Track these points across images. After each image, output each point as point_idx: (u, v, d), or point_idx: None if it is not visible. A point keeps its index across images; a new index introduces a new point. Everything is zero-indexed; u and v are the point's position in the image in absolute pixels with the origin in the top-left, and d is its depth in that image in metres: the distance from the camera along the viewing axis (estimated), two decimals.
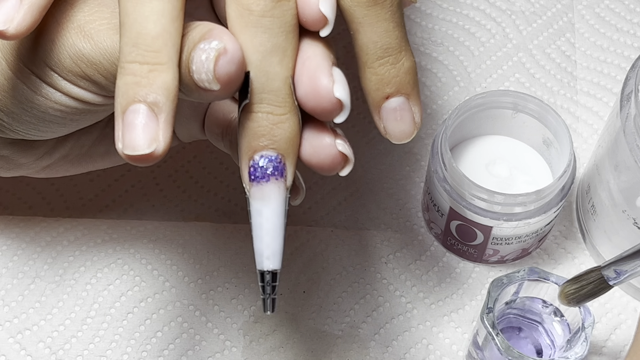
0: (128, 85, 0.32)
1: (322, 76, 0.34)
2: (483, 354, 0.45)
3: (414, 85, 0.37)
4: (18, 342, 0.50)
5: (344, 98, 0.34)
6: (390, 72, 0.36)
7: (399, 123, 0.37)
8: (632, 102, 0.44)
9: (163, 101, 0.32)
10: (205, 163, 0.55)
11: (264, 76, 0.34)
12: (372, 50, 0.36)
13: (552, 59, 0.59)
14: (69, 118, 0.39)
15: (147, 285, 0.51)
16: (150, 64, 0.32)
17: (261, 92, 0.34)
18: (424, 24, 0.60)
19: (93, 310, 0.50)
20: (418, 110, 0.37)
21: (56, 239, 0.53)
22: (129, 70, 0.32)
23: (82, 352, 0.49)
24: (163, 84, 0.32)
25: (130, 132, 0.32)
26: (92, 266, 0.52)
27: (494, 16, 0.60)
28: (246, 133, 0.34)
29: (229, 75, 0.33)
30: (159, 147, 0.32)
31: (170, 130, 0.33)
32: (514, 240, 0.49)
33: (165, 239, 0.53)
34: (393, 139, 0.37)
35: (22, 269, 0.52)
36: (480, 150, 0.51)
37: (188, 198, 0.54)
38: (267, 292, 0.35)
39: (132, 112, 0.32)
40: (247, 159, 0.35)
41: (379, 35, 0.35)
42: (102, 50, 0.36)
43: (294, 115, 0.34)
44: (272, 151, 0.34)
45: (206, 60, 0.32)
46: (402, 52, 0.36)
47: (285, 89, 0.34)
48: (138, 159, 0.32)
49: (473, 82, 0.58)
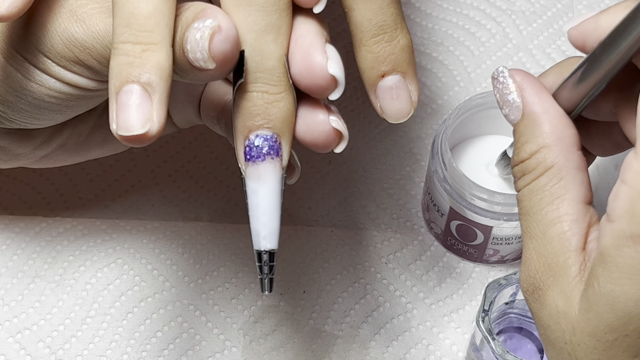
0: (121, 66, 0.32)
1: (315, 53, 0.34)
2: (480, 354, 0.45)
3: (410, 63, 0.36)
4: (18, 342, 0.49)
5: (338, 74, 0.34)
6: (385, 50, 0.36)
7: (395, 102, 0.36)
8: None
9: (156, 81, 0.32)
10: (205, 163, 0.55)
11: (259, 55, 0.34)
12: (366, 27, 0.35)
13: (553, 59, 0.59)
14: (64, 104, 0.39)
15: (147, 285, 0.51)
16: (143, 43, 0.32)
17: (256, 71, 0.34)
18: (424, 23, 0.60)
19: (93, 310, 0.50)
20: (415, 89, 0.37)
21: (56, 238, 0.52)
22: (122, 50, 0.32)
23: (82, 352, 0.49)
24: (156, 63, 0.32)
25: (124, 113, 0.32)
26: (92, 266, 0.52)
27: (494, 16, 0.60)
28: (241, 113, 0.34)
29: (224, 53, 0.32)
30: (152, 127, 0.32)
31: (164, 111, 0.32)
32: (514, 240, 0.49)
33: (165, 239, 0.52)
34: (390, 119, 0.37)
35: (22, 268, 0.52)
36: (480, 150, 0.51)
37: (188, 198, 0.54)
38: (264, 272, 0.35)
39: (125, 93, 0.32)
40: (242, 138, 0.34)
41: (374, 12, 0.35)
42: (94, 34, 0.35)
43: (289, 94, 0.34)
44: (267, 130, 0.34)
45: (201, 39, 0.32)
46: (398, 29, 0.36)
47: (280, 68, 0.34)
48: (132, 140, 0.32)
49: (473, 82, 0.58)
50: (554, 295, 0.32)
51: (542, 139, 0.33)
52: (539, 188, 0.33)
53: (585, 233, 0.32)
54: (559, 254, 0.32)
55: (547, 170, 0.33)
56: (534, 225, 0.33)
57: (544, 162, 0.33)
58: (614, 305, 0.30)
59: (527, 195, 0.34)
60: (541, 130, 0.34)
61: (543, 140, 0.33)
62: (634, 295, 0.29)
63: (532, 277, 0.33)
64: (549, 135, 0.33)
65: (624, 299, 0.29)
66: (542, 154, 0.33)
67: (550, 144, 0.33)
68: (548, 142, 0.33)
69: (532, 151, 0.34)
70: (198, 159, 0.55)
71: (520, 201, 0.34)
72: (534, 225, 0.33)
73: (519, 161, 0.34)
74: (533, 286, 0.33)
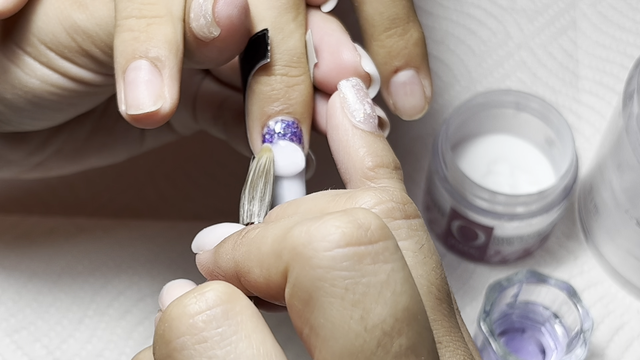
0: (126, 43, 0.30)
1: (345, 51, 0.32)
2: (482, 355, 0.45)
3: (424, 58, 0.35)
4: (14, 342, 0.49)
5: (373, 71, 0.32)
6: (398, 44, 0.34)
7: (409, 98, 0.35)
8: (635, 100, 0.43)
9: (166, 55, 0.30)
10: (204, 163, 0.55)
11: (280, 34, 0.32)
12: (378, 21, 0.34)
13: (554, 57, 0.58)
14: (66, 102, 0.37)
15: (145, 284, 0.51)
16: (148, 17, 0.30)
17: (276, 52, 0.32)
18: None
19: (90, 309, 0.50)
20: (429, 84, 0.35)
21: (53, 237, 0.52)
22: (126, 26, 0.30)
23: (80, 352, 0.49)
24: (164, 37, 0.30)
25: (133, 90, 0.30)
26: (89, 265, 0.51)
27: (496, 14, 0.60)
28: (258, 98, 0.32)
29: (230, 18, 0.30)
30: (165, 104, 0.30)
31: (177, 87, 0.30)
32: (515, 241, 0.49)
33: (163, 239, 0.52)
34: (403, 115, 0.36)
35: (19, 267, 0.51)
36: (481, 150, 0.51)
37: (185, 198, 0.54)
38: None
39: (133, 70, 0.30)
40: (259, 126, 0.32)
41: (385, 5, 0.34)
42: (98, 19, 0.33)
43: (308, 77, 0.32)
44: (288, 116, 0.32)
45: (204, 2, 0.30)
46: (410, 22, 0.34)
47: (301, 48, 0.32)
48: (143, 119, 0.30)
49: (474, 81, 0.58)
50: None
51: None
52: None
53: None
54: None
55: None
56: None
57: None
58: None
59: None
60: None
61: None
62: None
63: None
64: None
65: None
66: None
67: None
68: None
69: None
70: (196, 159, 0.55)
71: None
72: None
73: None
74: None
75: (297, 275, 0.25)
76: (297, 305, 0.26)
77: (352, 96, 0.32)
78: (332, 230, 0.25)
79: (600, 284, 0.51)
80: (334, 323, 0.25)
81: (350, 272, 0.25)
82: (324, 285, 0.25)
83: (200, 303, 0.26)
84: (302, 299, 0.25)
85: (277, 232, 0.26)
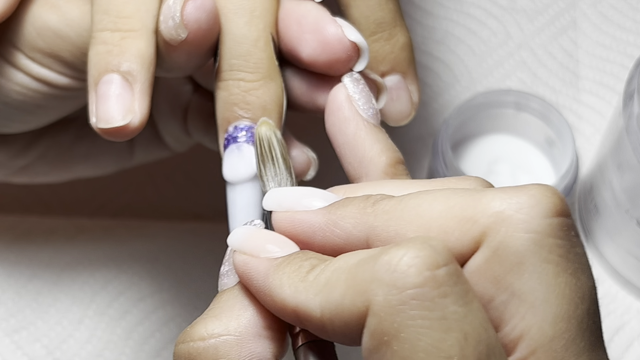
0: (100, 55, 0.31)
1: (327, 26, 0.32)
2: None
3: (410, 62, 0.35)
4: (14, 342, 0.49)
5: (359, 40, 0.32)
6: (384, 49, 0.34)
7: (395, 103, 0.35)
8: (635, 100, 0.43)
9: (137, 69, 0.30)
10: (203, 163, 0.55)
11: (231, 40, 0.32)
12: (364, 25, 0.34)
13: (555, 57, 0.58)
14: (36, 104, 0.36)
15: (145, 284, 0.51)
16: (122, 30, 0.31)
17: (230, 58, 0.32)
18: (425, 22, 0.60)
19: (90, 309, 0.50)
20: (415, 89, 0.35)
21: (53, 238, 0.52)
22: (100, 39, 0.31)
23: (80, 352, 0.49)
24: (137, 51, 0.31)
25: (104, 104, 0.30)
26: (89, 265, 0.51)
27: (496, 14, 0.60)
28: (218, 105, 0.32)
29: (198, 22, 0.31)
30: (134, 118, 0.30)
31: (147, 101, 0.31)
32: None
33: (163, 239, 0.52)
34: (390, 121, 0.35)
35: (18, 267, 0.51)
36: (482, 150, 0.51)
37: (186, 198, 0.54)
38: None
39: (105, 83, 0.30)
40: (222, 132, 0.32)
41: (371, 9, 0.34)
42: (69, 20, 0.33)
43: (271, 80, 0.32)
44: (246, 121, 0.32)
45: (173, 4, 0.31)
46: (397, 26, 0.34)
47: (256, 53, 0.32)
48: (113, 133, 0.30)
49: (474, 80, 0.58)
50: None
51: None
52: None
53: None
54: None
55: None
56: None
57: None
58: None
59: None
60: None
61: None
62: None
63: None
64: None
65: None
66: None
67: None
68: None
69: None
70: (196, 159, 0.55)
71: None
72: None
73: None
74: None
75: (502, 239, 0.26)
76: (497, 270, 0.26)
77: (358, 91, 0.32)
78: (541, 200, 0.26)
79: (600, 284, 0.51)
80: (548, 288, 0.25)
81: (564, 240, 0.26)
82: (539, 250, 0.26)
83: (438, 256, 0.25)
84: (509, 262, 0.26)
85: (466, 200, 0.27)
